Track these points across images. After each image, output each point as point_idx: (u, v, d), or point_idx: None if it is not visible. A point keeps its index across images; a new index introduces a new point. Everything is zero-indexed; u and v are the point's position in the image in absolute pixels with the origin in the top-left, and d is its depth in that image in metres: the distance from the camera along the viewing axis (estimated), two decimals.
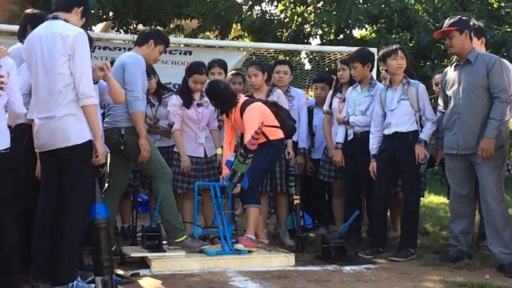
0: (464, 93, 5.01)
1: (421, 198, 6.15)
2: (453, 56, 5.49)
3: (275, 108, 5.57)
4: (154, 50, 5.17)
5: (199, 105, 5.78)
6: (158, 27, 11.24)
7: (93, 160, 4.06)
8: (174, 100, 5.78)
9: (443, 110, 5.25)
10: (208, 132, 5.85)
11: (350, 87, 6.02)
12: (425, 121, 5.46)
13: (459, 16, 5.31)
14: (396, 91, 5.51)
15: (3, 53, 3.87)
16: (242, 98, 5.50)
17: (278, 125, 5.44)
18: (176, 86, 7.54)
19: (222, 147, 5.92)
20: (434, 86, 6.20)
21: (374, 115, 5.65)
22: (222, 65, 6.18)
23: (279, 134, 5.42)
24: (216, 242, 5.41)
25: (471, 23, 5.31)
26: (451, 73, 5.21)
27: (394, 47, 5.57)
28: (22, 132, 4.23)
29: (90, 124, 3.98)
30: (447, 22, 5.20)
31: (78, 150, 3.94)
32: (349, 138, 5.94)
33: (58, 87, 3.92)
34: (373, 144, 5.61)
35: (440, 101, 5.37)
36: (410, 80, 5.52)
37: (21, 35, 4.69)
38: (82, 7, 4.16)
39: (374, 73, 6.55)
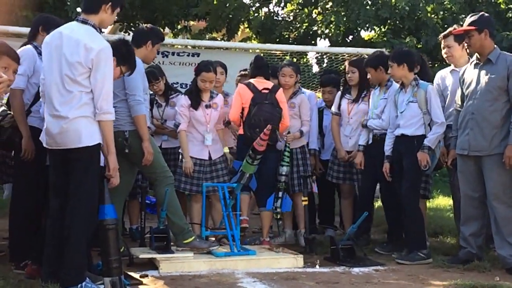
0: (481, 93, 4.91)
1: (429, 200, 6.10)
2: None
3: (258, 105, 5.58)
4: (152, 51, 5.15)
5: (207, 106, 5.73)
6: (166, 28, 11.26)
7: (106, 174, 4.04)
8: (182, 101, 5.75)
9: (460, 109, 5.16)
10: (216, 135, 5.80)
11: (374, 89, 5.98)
12: (433, 123, 5.34)
13: (480, 13, 5.13)
14: (406, 93, 5.45)
15: None
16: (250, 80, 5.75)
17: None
18: (183, 86, 7.55)
19: (229, 147, 5.96)
20: None
21: (390, 116, 5.62)
22: (223, 65, 6.30)
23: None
24: (224, 243, 5.41)
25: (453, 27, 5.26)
26: (470, 71, 5.10)
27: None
28: None
29: (104, 139, 3.95)
30: (468, 19, 5.06)
31: (88, 151, 3.93)
32: (369, 142, 5.88)
33: (72, 90, 3.89)
34: (388, 145, 5.55)
35: (457, 99, 5.26)
36: (420, 81, 5.43)
37: (32, 38, 4.69)
38: (110, 3, 4.03)
39: None
